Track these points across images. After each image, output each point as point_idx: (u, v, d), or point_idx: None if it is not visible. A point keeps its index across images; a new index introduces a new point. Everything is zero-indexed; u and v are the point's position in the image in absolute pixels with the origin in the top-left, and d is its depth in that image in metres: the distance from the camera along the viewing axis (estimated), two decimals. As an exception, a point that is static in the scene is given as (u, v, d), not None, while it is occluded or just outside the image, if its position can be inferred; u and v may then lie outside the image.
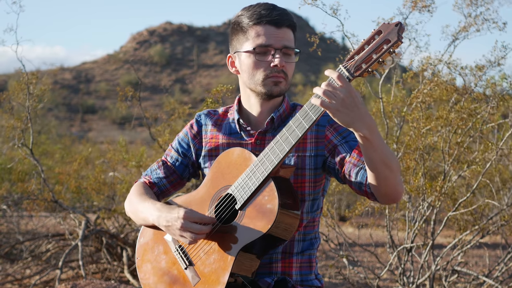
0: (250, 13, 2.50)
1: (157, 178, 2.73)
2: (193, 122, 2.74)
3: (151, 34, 77.43)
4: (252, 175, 2.36)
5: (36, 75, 6.18)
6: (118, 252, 6.75)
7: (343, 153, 2.47)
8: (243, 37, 2.52)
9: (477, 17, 4.66)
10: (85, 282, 5.21)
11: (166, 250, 2.57)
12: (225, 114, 2.72)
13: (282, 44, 2.48)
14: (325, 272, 7.09)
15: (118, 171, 8.36)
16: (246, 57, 2.52)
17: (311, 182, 2.55)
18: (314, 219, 2.61)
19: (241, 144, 2.59)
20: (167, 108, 7.53)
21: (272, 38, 2.47)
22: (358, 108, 2.16)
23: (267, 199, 2.32)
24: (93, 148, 14.77)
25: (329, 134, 2.53)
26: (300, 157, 2.53)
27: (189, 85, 63.97)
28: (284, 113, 2.60)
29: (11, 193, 7.77)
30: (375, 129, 2.20)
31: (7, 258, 7.07)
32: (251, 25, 2.49)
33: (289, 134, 2.30)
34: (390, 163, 2.26)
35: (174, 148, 2.74)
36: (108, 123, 53.59)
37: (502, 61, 4.76)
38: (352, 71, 2.19)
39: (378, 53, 2.16)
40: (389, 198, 2.36)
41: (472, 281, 5.39)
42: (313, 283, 2.61)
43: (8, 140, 9.18)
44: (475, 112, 4.63)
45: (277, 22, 2.47)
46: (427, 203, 4.77)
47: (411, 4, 4.60)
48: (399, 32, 2.13)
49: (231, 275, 2.35)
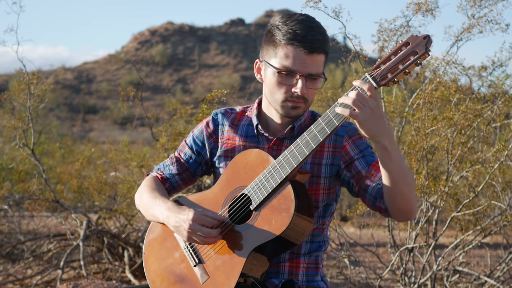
0: (286, 29, 2.41)
1: (169, 174, 2.72)
2: (209, 120, 2.72)
3: (153, 34, 77.42)
4: (270, 177, 2.36)
5: (37, 75, 6.18)
6: (120, 252, 6.75)
7: (360, 168, 2.48)
8: (273, 51, 2.47)
9: (481, 18, 4.64)
10: (87, 282, 5.21)
11: (175, 247, 2.56)
12: (243, 114, 2.70)
13: (308, 72, 2.42)
14: (327, 272, 7.09)
15: (120, 171, 8.37)
16: (271, 73, 2.49)
17: (325, 189, 2.56)
18: (324, 222, 2.62)
19: (258, 148, 2.57)
20: (168, 108, 7.53)
21: (299, 63, 2.41)
22: (384, 120, 2.20)
23: (283, 202, 2.33)
24: (95, 148, 14.77)
25: (347, 145, 2.53)
26: (316, 164, 2.53)
27: (191, 85, 63.95)
28: (305, 122, 2.59)
29: (13, 193, 7.77)
30: (394, 141, 2.24)
31: (8, 258, 7.07)
32: (283, 43, 2.42)
33: (310, 138, 2.31)
34: (407, 177, 2.28)
35: (188, 145, 2.72)
36: (109, 123, 53.59)
37: (506, 62, 4.76)
38: (378, 80, 2.21)
39: (404, 64, 2.19)
40: (403, 214, 2.37)
41: (473, 281, 5.39)
42: (319, 285, 2.61)
43: (9, 140, 9.20)
44: (481, 113, 4.63)
45: (309, 47, 2.40)
46: (429, 203, 4.76)
47: (415, 6, 4.59)
48: (427, 45, 2.18)
49: (241, 275, 2.35)
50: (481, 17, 4.66)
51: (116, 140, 14.41)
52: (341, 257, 5.37)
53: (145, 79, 19.77)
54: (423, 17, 4.60)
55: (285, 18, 2.44)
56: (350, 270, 5.54)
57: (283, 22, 2.43)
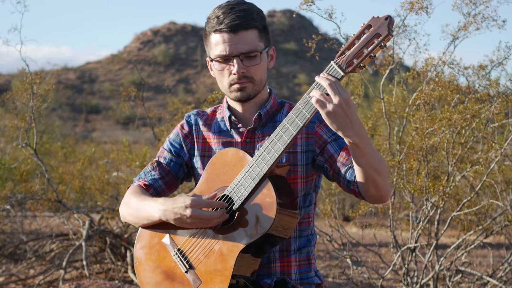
0: (211, 17, 2.46)
1: (152, 179, 2.67)
2: (183, 123, 2.71)
3: (155, 34, 77.51)
4: (248, 175, 2.34)
5: (40, 75, 6.18)
6: (122, 252, 6.75)
7: (332, 151, 2.47)
8: (208, 44, 2.52)
9: (477, 15, 4.65)
10: (89, 282, 5.22)
11: (164, 254, 2.53)
12: (214, 113, 2.70)
13: (239, 51, 2.43)
14: (329, 272, 7.09)
15: (122, 171, 8.36)
16: (212, 65, 2.54)
17: (303, 178, 2.54)
18: (308, 215, 2.60)
19: (231, 143, 2.57)
20: (170, 108, 7.54)
21: (228, 46, 2.43)
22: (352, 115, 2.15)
23: (264, 199, 2.31)
24: (97, 148, 14.77)
25: (319, 130, 2.52)
26: (291, 153, 2.52)
27: (193, 85, 64.03)
28: (272, 109, 2.58)
29: (15, 193, 7.78)
30: (365, 137, 2.19)
31: (11, 258, 7.08)
32: (210, 32, 2.47)
33: (283, 132, 2.28)
34: (379, 168, 2.27)
35: (167, 149, 2.70)
36: (112, 123, 53.66)
37: (505, 61, 4.76)
38: (344, 67, 2.17)
39: (369, 47, 2.13)
40: (376, 199, 2.37)
41: (476, 281, 5.38)
42: (313, 280, 2.59)
43: (11, 140, 9.20)
44: (479, 113, 4.63)
45: (231, 27, 2.42)
46: (430, 203, 4.76)
47: (408, 6, 4.61)
48: (389, 26, 2.11)
49: (232, 277, 2.33)
50: (476, 14, 4.67)
51: (118, 140, 14.40)
52: (343, 257, 5.37)
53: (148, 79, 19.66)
54: (416, 15, 4.61)
55: (215, 8, 2.49)
56: (352, 270, 5.54)
57: (212, 12, 2.48)
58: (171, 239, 2.52)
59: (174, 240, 2.51)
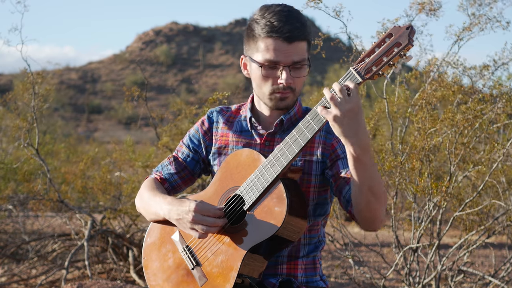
0: (264, 22, 2.42)
1: (168, 174, 2.72)
2: (204, 119, 2.73)
3: (157, 34, 77.53)
4: (261, 176, 2.35)
5: (41, 74, 6.18)
6: (124, 252, 6.75)
7: (340, 167, 2.46)
8: (254, 46, 2.47)
9: (481, 16, 4.65)
10: (91, 282, 5.21)
11: (173, 250, 2.56)
12: (238, 111, 2.71)
13: (291, 60, 2.42)
14: (331, 272, 7.08)
15: (124, 171, 8.37)
16: (255, 67, 2.49)
17: (316, 187, 2.54)
18: (318, 222, 2.60)
19: (250, 144, 2.58)
20: (173, 108, 7.53)
21: (281, 54, 2.41)
22: (359, 125, 2.14)
23: (275, 201, 2.32)
24: (99, 148, 14.78)
25: (335, 143, 2.51)
26: (307, 161, 2.52)
27: (195, 85, 64.02)
28: (295, 116, 2.58)
29: (17, 193, 7.79)
30: (368, 150, 2.18)
31: (13, 258, 7.08)
32: (262, 37, 2.42)
33: (298, 135, 2.28)
34: (377, 190, 2.25)
35: (185, 144, 2.73)
36: (114, 123, 53.68)
37: (510, 62, 4.75)
38: (363, 74, 2.17)
39: (388, 56, 2.14)
40: (368, 225, 2.35)
41: (478, 281, 5.38)
42: (318, 284, 2.61)
43: (13, 140, 9.21)
44: (481, 113, 4.62)
45: (288, 37, 2.40)
46: (432, 203, 4.76)
47: (418, 6, 4.59)
48: (410, 36, 2.12)
49: (238, 276, 2.34)
50: (481, 15, 4.66)
51: (121, 140, 14.41)
52: (345, 257, 5.37)
53: (150, 79, 19.74)
54: (427, 16, 4.60)
55: (262, 11, 2.45)
56: (354, 270, 5.54)
57: (261, 15, 2.44)
58: (180, 235, 2.55)
59: (183, 237, 2.54)
